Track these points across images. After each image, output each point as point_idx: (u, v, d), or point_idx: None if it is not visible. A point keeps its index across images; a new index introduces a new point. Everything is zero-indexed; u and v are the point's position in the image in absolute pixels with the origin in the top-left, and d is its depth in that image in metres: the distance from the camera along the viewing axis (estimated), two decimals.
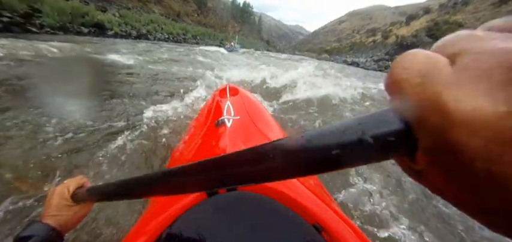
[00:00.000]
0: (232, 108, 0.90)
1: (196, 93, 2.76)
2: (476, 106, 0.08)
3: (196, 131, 0.95)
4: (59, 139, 1.59)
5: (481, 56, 0.09)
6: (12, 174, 1.19)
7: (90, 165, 1.39)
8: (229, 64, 8.90)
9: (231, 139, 0.69)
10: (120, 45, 11.87)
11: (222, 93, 1.11)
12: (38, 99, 2.14)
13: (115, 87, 3.19)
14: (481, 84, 0.09)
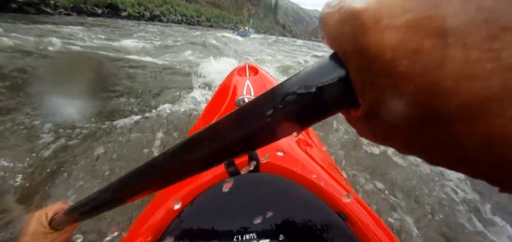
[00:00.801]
0: (252, 87, 0.88)
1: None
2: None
3: (214, 110, 0.93)
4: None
5: None
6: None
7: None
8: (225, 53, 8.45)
9: None
10: (133, 28, 11.67)
11: (241, 72, 1.07)
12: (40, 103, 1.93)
13: (121, 88, 2.96)
14: None
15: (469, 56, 0.07)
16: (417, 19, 0.08)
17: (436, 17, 0.07)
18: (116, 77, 2.97)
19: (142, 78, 3.20)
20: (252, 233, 0.37)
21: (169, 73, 3.52)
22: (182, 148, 0.19)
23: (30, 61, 2.92)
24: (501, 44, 0.07)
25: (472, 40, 0.07)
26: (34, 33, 5.27)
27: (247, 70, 1.08)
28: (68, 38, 5.47)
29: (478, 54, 0.07)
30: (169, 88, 2.76)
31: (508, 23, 0.07)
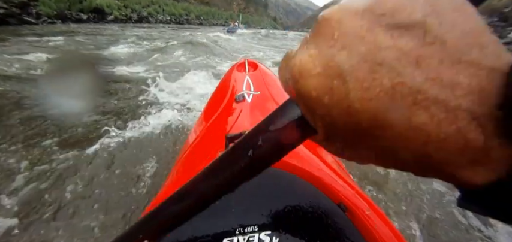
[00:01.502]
0: (252, 83, 0.88)
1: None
2: (301, 58, 0.13)
3: (214, 107, 0.94)
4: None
5: (309, 32, 0.14)
6: None
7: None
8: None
9: (252, 115, 0.70)
10: (119, 33, 11.41)
11: (241, 68, 1.08)
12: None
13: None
14: (304, 46, 0.13)
15: (362, 86, 0.11)
16: (324, 69, 0.11)
17: (335, 66, 0.11)
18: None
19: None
20: (254, 226, 0.38)
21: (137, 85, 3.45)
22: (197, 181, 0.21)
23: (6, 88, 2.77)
24: (379, 74, 0.10)
25: (360, 76, 0.11)
26: (11, 50, 5.09)
27: (247, 66, 1.07)
28: (49, 51, 5.29)
29: (368, 83, 0.10)
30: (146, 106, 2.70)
31: (380, 60, 0.10)
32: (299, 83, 0.12)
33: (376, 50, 0.11)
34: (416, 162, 0.11)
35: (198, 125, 0.96)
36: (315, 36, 0.12)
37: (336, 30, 0.12)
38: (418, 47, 0.10)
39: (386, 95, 0.10)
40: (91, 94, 2.77)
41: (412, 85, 0.10)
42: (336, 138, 0.13)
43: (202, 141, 0.73)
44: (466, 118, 0.09)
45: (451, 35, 0.10)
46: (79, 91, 2.84)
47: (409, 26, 0.11)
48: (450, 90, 0.10)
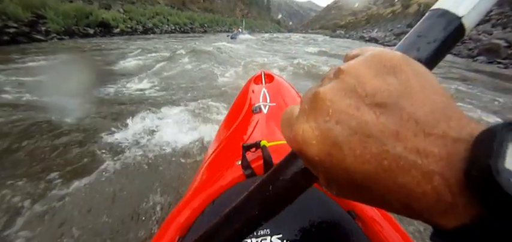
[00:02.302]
0: (268, 94, 0.90)
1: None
2: (303, 129, 0.15)
3: (233, 117, 0.96)
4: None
5: (303, 102, 0.16)
6: None
7: None
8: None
9: (267, 126, 0.71)
10: (124, 46, 11.61)
11: (257, 80, 1.11)
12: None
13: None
14: (304, 117, 0.15)
15: (355, 153, 0.13)
16: (324, 140, 0.14)
17: (332, 137, 0.13)
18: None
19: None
20: (266, 229, 0.40)
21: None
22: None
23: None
24: (368, 144, 0.13)
25: (353, 145, 0.13)
26: (19, 72, 5.17)
27: (263, 78, 1.10)
28: (57, 71, 5.33)
29: (359, 151, 0.13)
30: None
31: (368, 133, 0.13)
32: (303, 149, 0.15)
33: (363, 124, 0.13)
34: (401, 209, 0.13)
35: (219, 135, 1.00)
36: (313, 111, 0.15)
37: (330, 107, 0.14)
38: (396, 123, 0.12)
39: (375, 160, 0.12)
40: (99, 118, 2.73)
41: (395, 153, 0.12)
42: (335, 186, 0.15)
43: (222, 151, 0.76)
44: (438, 180, 0.12)
45: (422, 112, 0.12)
46: (86, 116, 2.75)
47: (387, 105, 0.13)
48: (425, 157, 0.12)
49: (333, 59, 9.47)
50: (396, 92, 0.13)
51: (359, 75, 0.14)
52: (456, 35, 0.17)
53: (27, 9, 13.48)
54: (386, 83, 0.13)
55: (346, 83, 0.14)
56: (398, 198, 0.13)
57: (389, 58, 0.14)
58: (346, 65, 0.15)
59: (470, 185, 0.11)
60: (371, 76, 0.14)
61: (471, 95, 4.37)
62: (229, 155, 0.68)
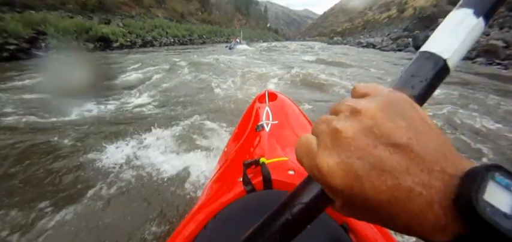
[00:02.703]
0: (271, 113, 0.93)
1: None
2: (328, 163, 0.17)
3: (238, 135, 1.01)
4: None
5: (323, 134, 0.18)
6: None
7: None
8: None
9: (269, 143, 0.74)
10: (124, 60, 11.65)
11: (261, 99, 1.14)
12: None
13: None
14: (326, 151, 0.17)
15: (374, 184, 0.15)
16: (347, 173, 0.16)
17: (354, 170, 0.16)
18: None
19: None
20: None
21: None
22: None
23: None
24: (384, 177, 0.15)
25: (372, 178, 0.15)
26: (16, 90, 5.14)
27: (267, 97, 1.13)
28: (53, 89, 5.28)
29: (377, 183, 0.15)
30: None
31: (384, 168, 0.15)
32: (328, 180, 0.17)
33: (380, 161, 0.15)
34: (404, 229, 0.16)
35: (225, 153, 1.04)
36: (336, 147, 0.17)
37: (352, 145, 0.16)
38: (406, 160, 0.15)
39: (389, 190, 0.15)
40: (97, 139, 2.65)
41: (405, 185, 0.15)
42: (349, 209, 0.18)
43: (227, 168, 0.79)
44: (437, 207, 0.14)
45: (426, 152, 0.15)
46: (82, 136, 2.65)
47: (399, 145, 0.15)
48: (429, 189, 0.15)
49: (331, 67, 9.47)
50: (406, 134, 0.16)
51: (375, 117, 0.17)
52: (442, 73, 0.20)
53: (28, 25, 13.62)
54: (397, 126, 0.16)
55: (365, 124, 0.17)
56: (404, 221, 0.15)
57: (397, 102, 0.17)
58: (362, 106, 0.18)
59: (458, 211, 0.14)
60: (385, 119, 0.16)
61: (475, 100, 4.30)
62: (232, 172, 0.72)
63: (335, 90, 5.44)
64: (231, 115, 3.53)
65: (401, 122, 0.16)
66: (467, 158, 0.16)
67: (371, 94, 0.19)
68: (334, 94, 5.18)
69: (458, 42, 0.20)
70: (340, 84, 5.84)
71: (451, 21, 0.21)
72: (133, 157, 2.15)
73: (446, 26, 0.21)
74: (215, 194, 0.59)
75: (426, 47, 0.21)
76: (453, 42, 0.20)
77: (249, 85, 5.80)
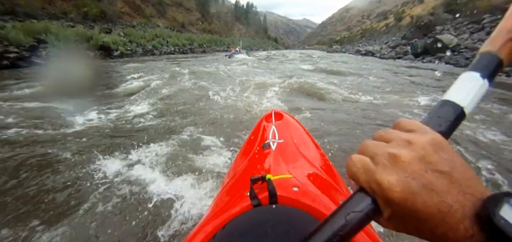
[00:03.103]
0: (277, 132, 0.98)
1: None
2: (388, 179, 0.21)
3: (246, 152, 1.04)
4: None
5: (379, 157, 0.22)
6: None
7: None
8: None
9: (275, 161, 0.77)
10: (123, 68, 11.65)
11: (268, 118, 1.18)
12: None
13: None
14: (386, 170, 0.21)
15: (424, 200, 0.20)
16: (403, 189, 0.20)
17: (410, 188, 0.20)
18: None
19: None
20: None
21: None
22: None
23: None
24: (432, 194, 0.20)
25: (423, 194, 0.20)
26: (14, 98, 5.08)
27: (273, 117, 1.18)
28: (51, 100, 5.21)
29: (427, 198, 0.20)
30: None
31: (432, 188, 0.20)
32: (387, 192, 0.21)
33: (429, 183, 0.20)
34: (440, 237, 0.20)
35: (232, 168, 1.08)
36: (395, 168, 0.21)
37: (408, 168, 0.21)
38: (448, 184, 0.20)
39: (435, 206, 0.19)
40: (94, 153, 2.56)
41: (447, 203, 0.19)
42: (396, 220, 0.22)
43: (234, 183, 0.82)
44: (467, 222, 0.19)
45: (462, 179, 0.20)
46: (78, 149, 2.55)
47: (443, 172, 0.20)
48: (462, 207, 0.19)
49: (330, 76, 9.44)
50: (448, 164, 0.21)
51: (426, 149, 0.22)
52: (461, 117, 0.26)
53: (29, 34, 13.69)
54: (441, 157, 0.21)
55: (418, 153, 0.21)
56: (442, 230, 0.20)
57: (440, 141, 0.23)
58: (415, 140, 0.23)
59: (482, 224, 0.19)
60: (433, 151, 0.22)
61: (485, 112, 4.20)
62: (240, 187, 0.75)
63: (334, 99, 5.36)
64: (229, 127, 3.46)
65: (444, 155, 0.21)
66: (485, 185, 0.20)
67: (417, 130, 0.24)
68: (335, 104, 5.10)
69: (470, 95, 0.26)
70: (338, 93, 5.78)
71: (465, 79, 0.28)
72: (128, 175, 2.07)
73: (461, 82, 0.28)
74: (224, 207, 0.63)
75: (447, 96, 0.28)
76: (467, 95, 0.27)
77: (248, 93, 5.72)
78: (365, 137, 3.13)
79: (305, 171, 0.78)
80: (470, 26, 20.42)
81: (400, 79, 8.38)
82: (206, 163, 2.32)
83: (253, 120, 3.73)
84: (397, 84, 7.29)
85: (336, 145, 2.86)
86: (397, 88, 6.59)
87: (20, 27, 14.04)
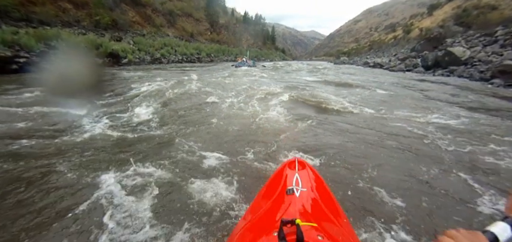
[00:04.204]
0: (301, 180, 1.03)
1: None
2: None
3: (268, 194, 1.10)
4: None
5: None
6: None
7: None
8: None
9: (301, 207, 0.84)
10: (129, 76, 11.73)
11: (291, 166, 1.22)
12: None
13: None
14: None
15: None
16: None
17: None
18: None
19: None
20: None
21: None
22: None
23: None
24: None
25: None
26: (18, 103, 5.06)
27: (297, 165, 1.20)
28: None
29: None
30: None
31: None
32: None
33: None
34: None
35: (252, 208, 1.12)
36: None
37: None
38: None
39: None
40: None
41: None
42: None
43: (258, 221, 0.88)
44: None
45: None
46: (80, 161, 2.41)
47: None
48: None
49: (341, 88, 9.14)
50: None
51: None
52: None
53: (41, 40, 14.07)
54: None
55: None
56: None
57: None
58: None
59: None
60: None
61: (504, 132, 3.82)
62: (264, 225, 0.80)
63: (339, 114, 5.07)
64: (234, 141, 3.28)
65: None
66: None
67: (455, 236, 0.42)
68: (347, 120, 4.81)
69: (504, 237, 0.45)
70: (345, 108, 5.49)
71: (499, 226, 0.46)
72: (130, 193, 1.91)
73: (497, 226, 0.47)
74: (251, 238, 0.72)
75: (491, 228, 0.46)
76: (502, 234, 0.45)
77: (253, 102, 5.54)
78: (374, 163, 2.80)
79: (327, 222, 0.83)
80: (482, 38, 19.82)
81: (416, 94, 7.97)
82: (210, 190, 2.14)
83: (257, 132, 3.54)
84: (412, 99, 6.89)
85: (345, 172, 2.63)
86: (413, 104, 6.22)
87: (32, 33, 14.47)
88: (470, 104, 6.02)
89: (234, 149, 3.03)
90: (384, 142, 3.41)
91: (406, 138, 3.59)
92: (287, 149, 3.10)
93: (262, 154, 2.94)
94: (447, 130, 3.95)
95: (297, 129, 3.93)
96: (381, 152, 3.10)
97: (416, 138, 3.61)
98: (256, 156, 2.85)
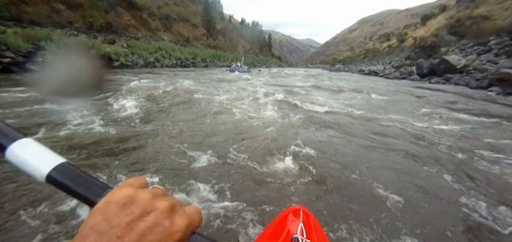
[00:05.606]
0: (305, 230, 1.04)
1: None
2: None
3: (271, 239, 1.09)
4: None
5: None
6: None
7: None
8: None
9: None
10: (118, 78, 11.36)
11: (296, 214, 1.23)
12: None
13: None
14: None
15: None
16: None
17: None
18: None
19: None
20: None
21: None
22: None
23: None
24: None
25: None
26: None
27: (301, 214, 1.22)
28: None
29: None
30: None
31: None
32: None
33: None
34: None
35: None
36: None
37: None
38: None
39: None
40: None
41: None
42: None
43: None
44: None
45: None
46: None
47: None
48: None
49: (336, 94, 8.93)
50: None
51: None
52: None
53: (29, 40, 13.61)
54: None
55: None
56: None
57: None
58: None
59: None
60: None
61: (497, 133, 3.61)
62: None
63: (339, 122, 4.81)
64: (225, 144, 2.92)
65: None
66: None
67: None
68: (338, 127, 4.54)
69: None
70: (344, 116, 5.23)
71: None
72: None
73: None
74: None
75: None
76: None
77: (245, 106, 5.24)
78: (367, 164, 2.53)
79: None
80: (476, 47, 20.09)
81: (414, 99, 7.78)
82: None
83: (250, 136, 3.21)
84: (415, 105, 6.68)
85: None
86: (414, 109, 5.99)
87: (20, 32, 14.01)
88: (473, 111, 5.83)
89: (224, 151, 2.70)
90: (380, 145, 3.15)
91: (409, 142, 3.31)
92: (282, 154, 2.81)
93: (259, 158, 2.63)
94: (453, 136, 3.69)
95: (291, 132, 3.65)
96: (377, 156, 2.96)
97: (420, 144, 3.33)
98: (252, 163, 2.53)
